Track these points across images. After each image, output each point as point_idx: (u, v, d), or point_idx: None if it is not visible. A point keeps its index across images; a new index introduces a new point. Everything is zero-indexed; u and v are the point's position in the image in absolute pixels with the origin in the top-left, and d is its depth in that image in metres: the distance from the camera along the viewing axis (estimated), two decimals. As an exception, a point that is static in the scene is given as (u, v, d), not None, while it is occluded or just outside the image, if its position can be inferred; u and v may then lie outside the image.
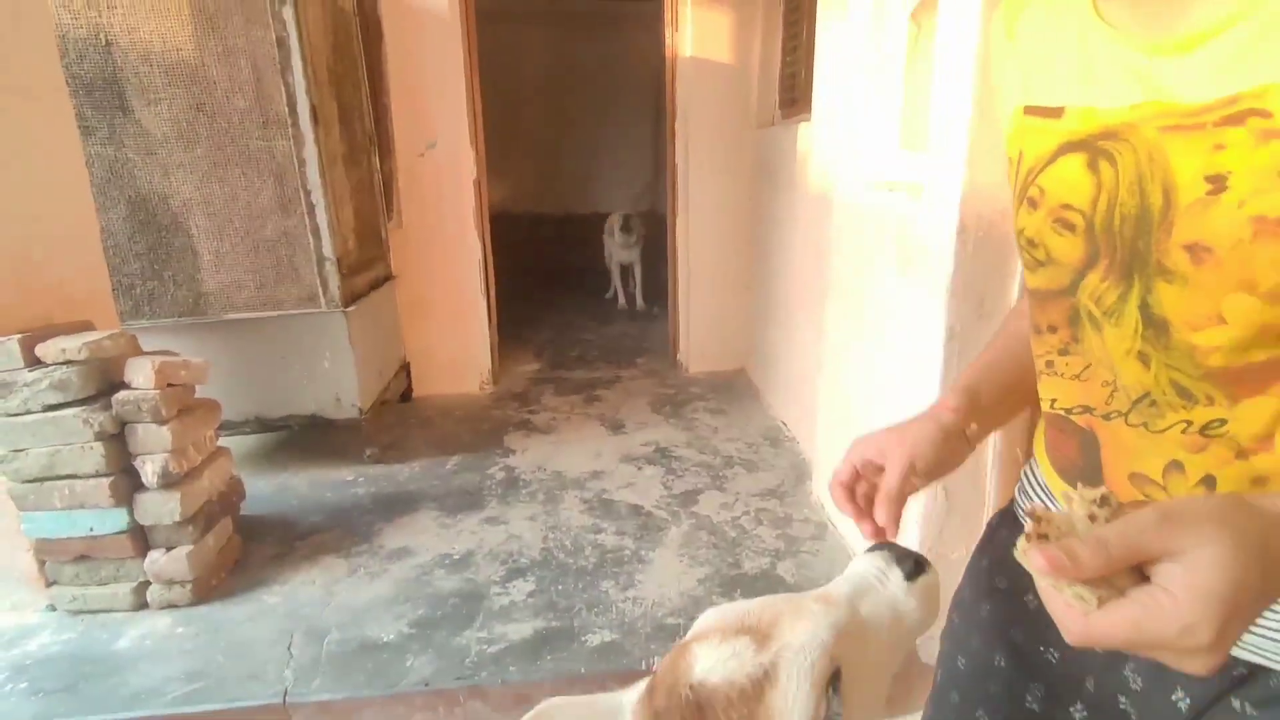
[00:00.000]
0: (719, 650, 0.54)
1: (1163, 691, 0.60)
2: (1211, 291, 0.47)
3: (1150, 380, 0.53)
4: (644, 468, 2.76)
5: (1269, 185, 0.44)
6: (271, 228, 2.56)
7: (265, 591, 2.04)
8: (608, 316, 5.33)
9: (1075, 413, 0.60)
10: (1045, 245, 0.58)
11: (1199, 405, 0.51)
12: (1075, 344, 0.59)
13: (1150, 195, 0.50)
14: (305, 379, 2.73)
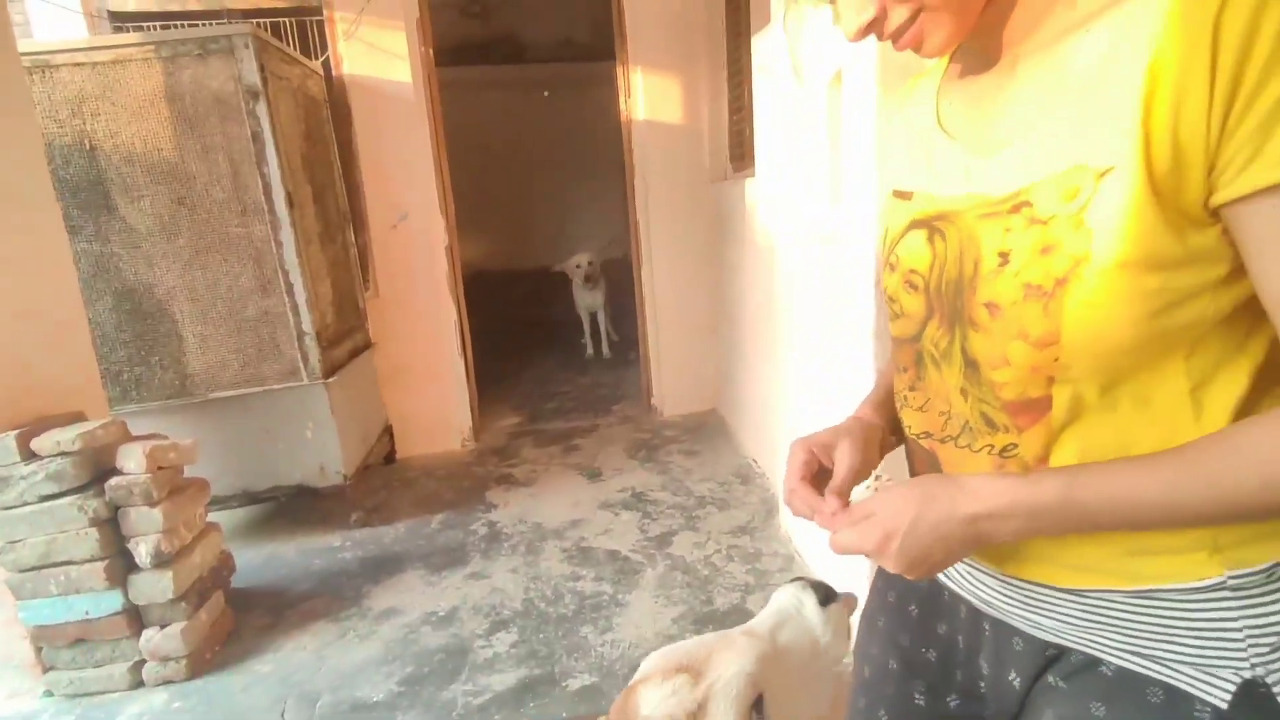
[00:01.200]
0: (661, 690, 0.62)
1: (1003, 675, 0.74)
2: (1000, 339, 0.61)
3: (968, 410, 0.66)
4: (620, 513, 2.86)
5: (1034, 260, 0.58)
6: (252, 308, 2.70)
7: (258, 661, 2.11)
8: (584, 367, 5.47)
9: (922, 437, 0.73)
10: (900, 301, 0.73)
11: (999, 432, 0.64)
12: (920, 381, 0.72)
13: (966, 265, 0.64)
14: (290, 450, 2.83)
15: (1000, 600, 0.71)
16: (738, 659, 0.64)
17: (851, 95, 1.66)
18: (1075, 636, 0.66)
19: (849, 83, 1.70)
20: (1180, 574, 0.59)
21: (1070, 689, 0.67)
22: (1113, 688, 0.63)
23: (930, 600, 0.83)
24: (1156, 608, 0.60)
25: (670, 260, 3.89)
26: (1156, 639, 0.60)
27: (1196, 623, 0.58)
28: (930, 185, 0.70)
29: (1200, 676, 0.59)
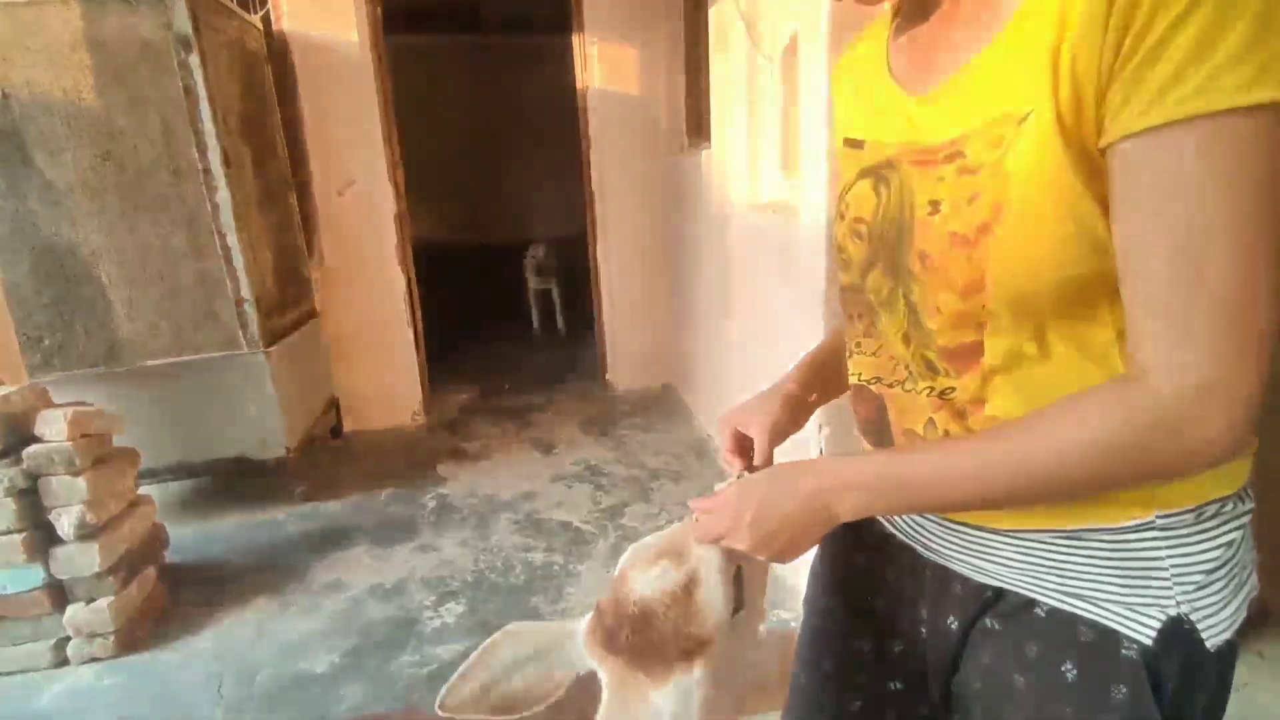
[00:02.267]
0: (649, 573, 0.69)
1: (941, 620, 0.75)
2: (931, 289, 0.61)
3: (910, 355, 0.67)
4: (573, 486, 2.84)
5: (960, 209, 0.58)
6: (186, 272, 2.57)
7: (194, 637, 2.03)
8: (539, 343, 5.41)
9: (872, 383, 0.73)
10: (847, 250, 0.73)
11: (939, 376, 0.65)
12: (873, 328, 0.72)
13: (905, 212, 0.64)
14: (229, 422, 2.72)
15: (942, 545, 0.72)
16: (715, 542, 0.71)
17: (807, 61, 1.65)
18: (1013, 579, 0.67)
19: (804, 49, 1.69)
20: (1113, 515, 0.60)
21: (1005, 630, 0.68)
22: (1046, 628, 0.65)
23: (878, 550, 0.83)
24: (1089, 548, 0.61)
25: (625, 235, 3.85)
26: (1088, 579, 0.62)
27: (1126, 563, 0.60)
28: (878, 133, 0.70)
29: (1128, 615, 0.60)
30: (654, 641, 0.66)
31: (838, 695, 0.86)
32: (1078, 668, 0.62)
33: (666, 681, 0.65)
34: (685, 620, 0.67)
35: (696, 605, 0.67)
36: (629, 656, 0.66)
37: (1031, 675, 0.65)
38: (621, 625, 0.67)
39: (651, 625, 0.66)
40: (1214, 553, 0.59)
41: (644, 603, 0.67)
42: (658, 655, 0.65)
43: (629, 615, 0.67)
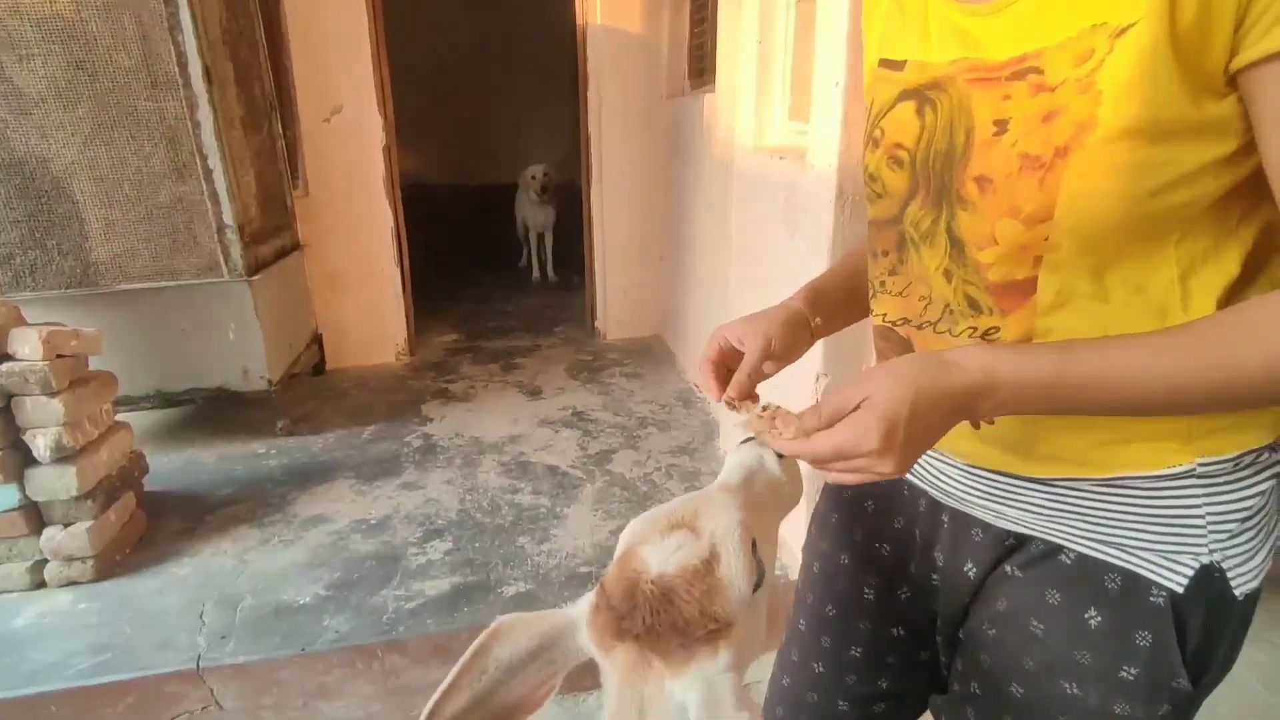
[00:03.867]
0: (664, 547, 0.61)
1: (959, 566, 0.73)
2: (989, 216, 0.58)
3: (951, 293, 0.63)
4: (560, 431, 2.83)
5: (1034, 129, 0.54)
6: (165, 194, 2.46)
7: (174, 564, 2.01)
8: (527, 288, 5.33)
9: (898, 324, 0.70)
10: (881, 179, 0.68)
11: (983, 315, 0.62)
12: (901, 265, 0.68)
13: (957, 135, 0.60)
14: (209, 351, 2.66)
15: (962, 490, 0.70)
16: (727, 511, 0.64)
17: None
18: (1039, 525, 0.65)
19: (825, -18, 1.61)
20: (1150, 462, 0.58)
21: (1026, 577, 0.67)
22: (1071, 575, 0.64)
23: (888, 496, 0.81)
24: (1124, 495, 0.60)
25: (621, 179, 3.76)
26: (1121, 526, 0.61)
27: (1162, 509, 0.59)
28: (923, 52, 0.64)
29: (1161, 562, 0.59)
30: (676, 625, 0.57)
31: (837, 641, 0.86)
32: (1101, 614, 0.62)
33: (687, 670, 0.56)
34: (710, 599, 0.58)
35: (720, 581, 0.59)
36: (643, 643, 0.58)
37: (1052, 622, 0.65)
38: (636, 608, 0.58)
39: (673, 606, 0.57)
40: (1249, 501, 0.58)
41: (663, 581, 0.59)
42: (678, 640, 0.57)
43: (645, 596, 0.58)
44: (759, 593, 0.62)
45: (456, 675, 0.60)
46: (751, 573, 0.61)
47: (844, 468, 0.54)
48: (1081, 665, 0.63)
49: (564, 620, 0.63)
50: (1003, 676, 0.69)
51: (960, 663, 0.76)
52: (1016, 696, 0.68)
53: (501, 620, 0.62)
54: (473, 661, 0.60)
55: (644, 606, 0.58)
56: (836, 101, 1.55)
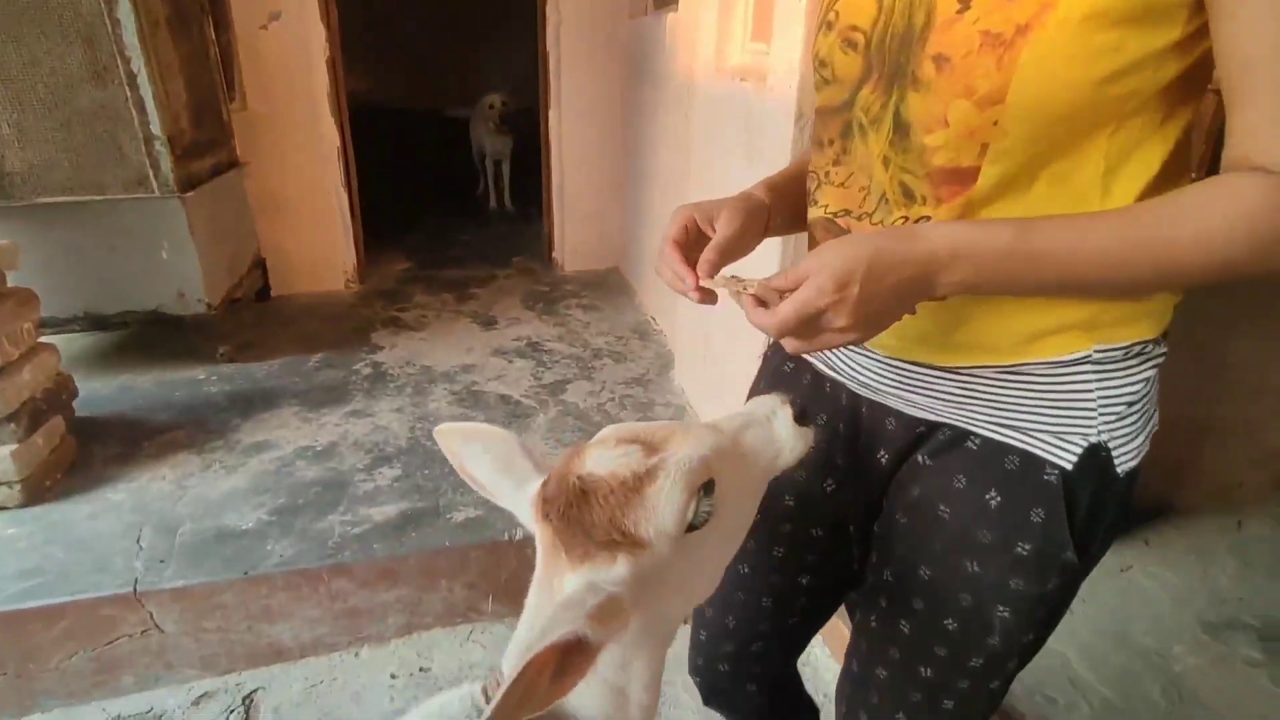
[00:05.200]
0: (611, 452, 0.61)
1: (873, 454, 0.79)
2: (943, 96, 0.57)
3: (887, 181, 0.64)
4: (514, 361, 2.80)
5: (997, 6, 0.54)
6: (85, 99, 2.29)
7: (109, 490, 1.95)
8: (484, 218, 5.19)
9: (839, 215, 0.70)
10: (832, 64, 0.67)
11: (915, 204, 0.62)
12: (845, 155, 0.68)
13: (916, 16, 0.59)
14: (142, 272, 2.53)
15: (878, 381, 0.74)
16: (696, 443, 0.62)
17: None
18: (947, 412, 0.70)
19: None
20: (1053, 350, 0.63)
21: (936, 465, 0.72)
22: (975, 460, 0.69)
23: (813, 394, 0.84)
24: (1026, 381, 0.65)
25: (581, 106, 3.63)
26: (1022, 410, 0.65)
27: (1058, 393, 0.64)
28: None
29: (1055, 442, 0.65)
30: (582, 522, 0.58)
31: (761, 544, 0.89)
32: (1001, 494, 0.67)
33: (581, 566, 0.58)
34: (623, 511, 0.58)
35: (642, 501, 0.59)
36: (556, 531, 0.60)
37: (958, 504, 0.70)
38: (558, 496, 0.60)
39: (586, 504, 0.59)
40: (1134, 388, 0.64)
41: (587, 480, 0.60)
42: (582, 536, 0.58)
43: (567, 487, 0.60)
44: (697, 536, 0.61)
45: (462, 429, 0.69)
46: (683, 510, 0.59)
47: (805, 331, 0.55)
48: (982, 544, 0.68)
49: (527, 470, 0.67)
50: (913, 561, 0.74)
51: (875, 555, 0.81)
52: (924, 579, 0.73)
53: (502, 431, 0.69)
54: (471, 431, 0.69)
55: (561, 498, 0.59)
56: (798, 21, 1.49)
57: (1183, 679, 1.67)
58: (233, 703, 1.63)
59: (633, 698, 0.66)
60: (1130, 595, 1.92)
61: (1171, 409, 0.83)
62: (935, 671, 0.75)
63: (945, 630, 0.73)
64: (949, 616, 0.72)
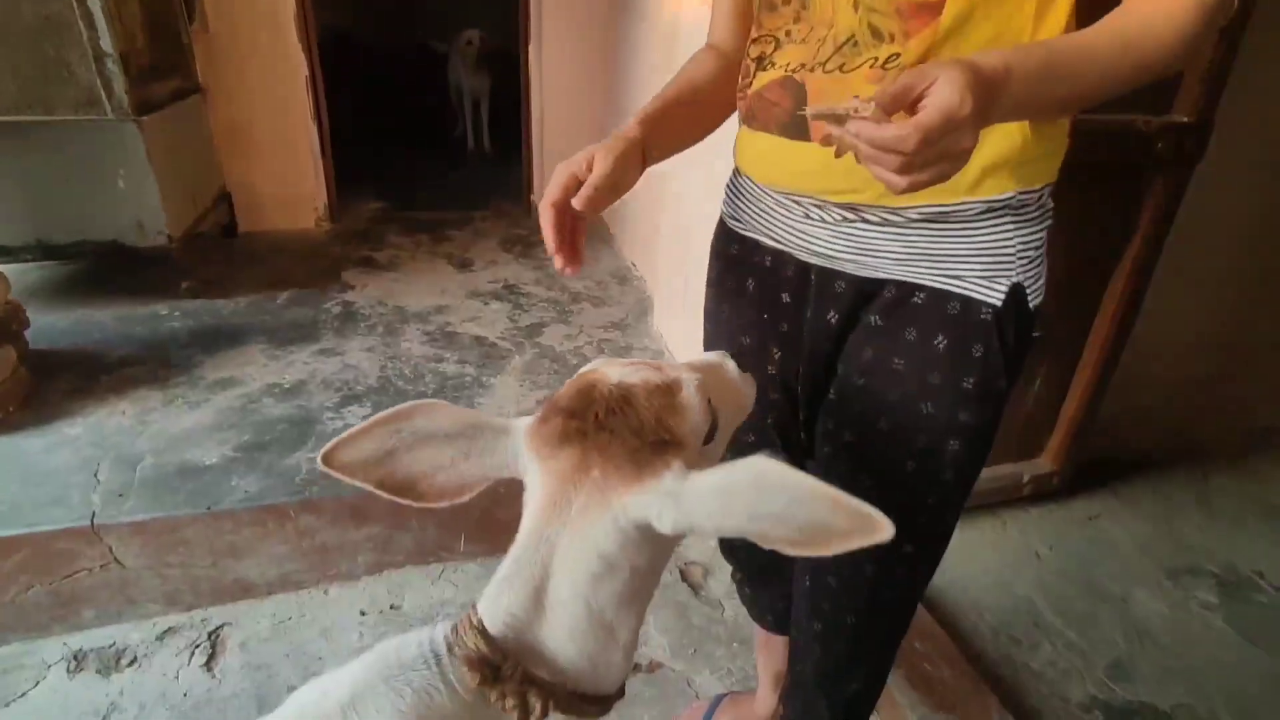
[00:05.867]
0: (625, 369, 0.60)
1: (822, 315, 0.85)
2: None
3: (856, 23, 0.69)
4: (490, 303, 2.73)
5: None
6: (28, 12, 2.13)
7: (65, 423, 1.88)
8: (461, 159, 5.03)
9: (796, 70, 0.76)
10: None
11: (884, 43, 0.68)
12: (805, 10, 0.74)
13: None
14: (98, 200, 2.41)
15: (830, 247, 0.80)
16: (689, 370, 0.64)
17: None
18: (895, 270, 0.77)
19: None
20: (988, 191, 0.71)
21: (887, 325, 0.80)
22: (922, 311, 0.77)
23: (761, 275, 0.91)
24: (957, 233, 0.74)
25: (563, 43, 3.48)
26: (957, 259, 0.75)
27: (986, 242, 0.74)
28: None
29: (986, 285, 0.74)
30: (630, 425, 0.55)
31: None
32: (947, 337, 0.76)
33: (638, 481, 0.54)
34: (668, 412, 0.57)
35: (680, 403, 0.58)
36: (589, 446, 0.55)
37: (910, 354, 0.78)
38: (592, 404, 0.57)
39: (631, 406, 0.56)
40: (1038, 235, 0.75)
41: (625, 386, 0.58)
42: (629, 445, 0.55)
43: (603, 394, 0.57)
44: (708, 447, 0.61)
45: (368, 425, 0.59)
46: (706, 416, 0.60)
47: (932, 153, 0.53)
48: (934, 385, 0.78)
49: (498, 425, 0.62)
50: (872, 416, 0.82)
51: (830, 421, 0.88)
52: (884, 430, 0.82)
53: (432, 401, 0.61)
54: (390, 419, 0.59)
55: (600, 403, 0.57)
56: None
57: (1143, 622, 1.71)
58: (198, 638, 1.60)
59: (621, 637, 0.64)
60: (1097, 543, 1.95)
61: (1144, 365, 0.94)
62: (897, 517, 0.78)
63: (905, 474, 0.82)
64: (909, 459, 0.81)
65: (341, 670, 0.62)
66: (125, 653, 1.56)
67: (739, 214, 0.93)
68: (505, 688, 0.58)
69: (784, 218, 0.84)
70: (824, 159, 0.72)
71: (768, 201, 0.86)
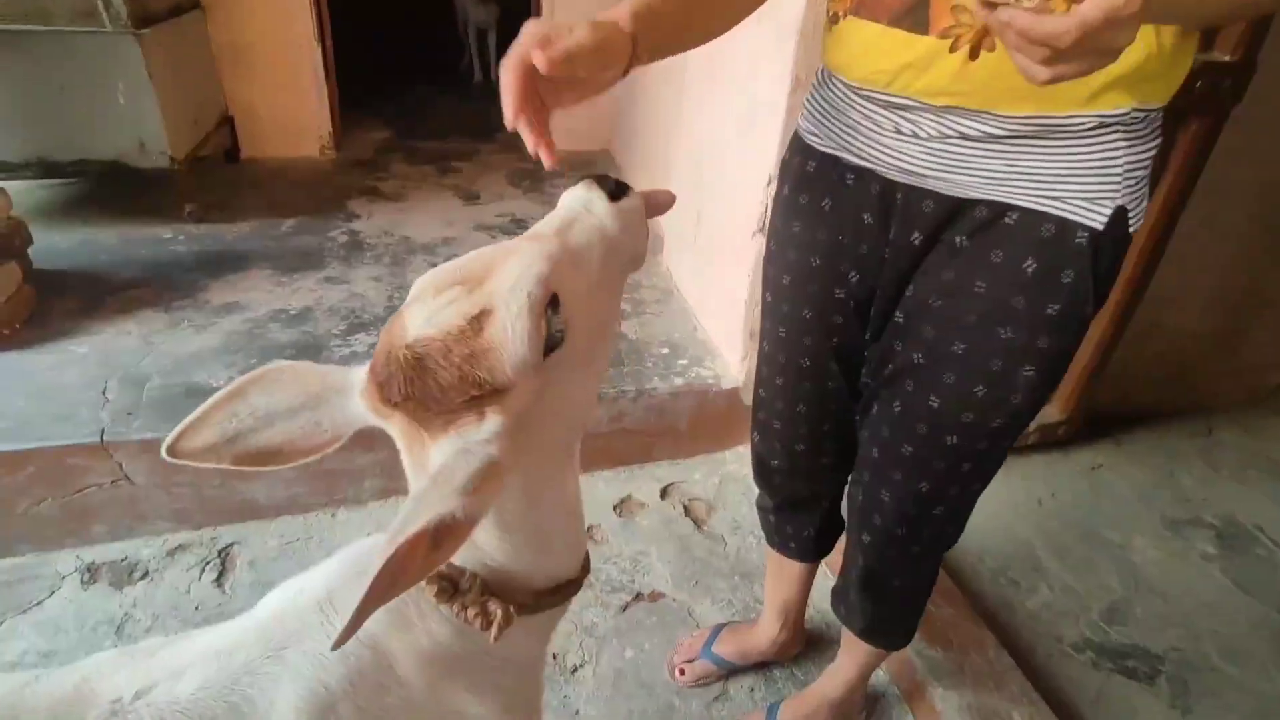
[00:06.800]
0: (432, 304, 0.53)
1: (906, 236, 0.82)
2: None
3: None
4: (498, 237, 2.69)
5: None
6: (21, -87, 2.04)
7: (71, 342, 1.88)
8: (469, 90, 4.90)
9: None
10: None
11: None
12: None
13: None
14: (98, 117, 2.35)
15: (920, 165, 0.76)
16: (522, 262, 0.54)
17: None
18: (988, 189, 0.74)
19: None
20: (1105, 105, 0.68)
21: (973, 245, 0.77)
22: (1013, 232, 0.75)
23: (839, 194, 0.87)
24: (1061, 150, 0.70)
25: (576, -35, 3.34)
26: (1059, 179, 0.71)
27: (1092, 160, 0.70)
28: None
29: (1088, 207, 0.71)
30: (431, 392, 0.51)
31: (793, 304, 0.96)
32: (1038, 261, 0.74)
33: (445, 436, 0.52)
34: (472, 363, 0.51)
35: (487, 343, 0.52)
36: (407, 411, 0.53)
37: (994, 276, 0.76)
38: (391, 376, 0.52)
39: (427, 371, 0.51)
40: (1149, 154, 0.72)
41: (419, 344, 0.52)
42: (438, 406, 0.51)
43: (399, 363, 0.52)
44: (560, 355, 0.55)
45: (203, 412, 0.57)
46: (536, 334, 0.53)
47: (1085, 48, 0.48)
48: (1016, 310, 0.76)
49: (339, 382, 0.59)
50: (946, 339, 0.81)
51: (899, 344, 0.86)
52: (958, 353, 0.80)
53: (269, 367, 0.58)
54: (225, 402, 0.58)
55: (398, 375, 0.52)
56: None
57: (1140, 569, 1.73)
58: (208, 555, 1.63)
59: (555, 532, 0.64)
60: (1099, 491, 1.96)
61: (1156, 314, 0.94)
62: (960, 437, 0.84)
63: (974, 397, 0.81)
64: (979, 384, 0.80)
65: (315, 570, 0.65)
66: (137, 567, 1.59)
67: (820, 128, 0.87)
68: (464, 599, 0.59)
69: (871, 132, 0.79)
70: (936, 54, 0.68)
71: (854, 115, 0.80)
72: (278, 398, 0.58)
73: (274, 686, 0.55)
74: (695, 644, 1.42)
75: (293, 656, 0.57)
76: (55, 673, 0.57)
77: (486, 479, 0.48)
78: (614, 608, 1.55)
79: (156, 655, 0.58)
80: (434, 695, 0.60)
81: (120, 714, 0.53)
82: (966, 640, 1.43)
